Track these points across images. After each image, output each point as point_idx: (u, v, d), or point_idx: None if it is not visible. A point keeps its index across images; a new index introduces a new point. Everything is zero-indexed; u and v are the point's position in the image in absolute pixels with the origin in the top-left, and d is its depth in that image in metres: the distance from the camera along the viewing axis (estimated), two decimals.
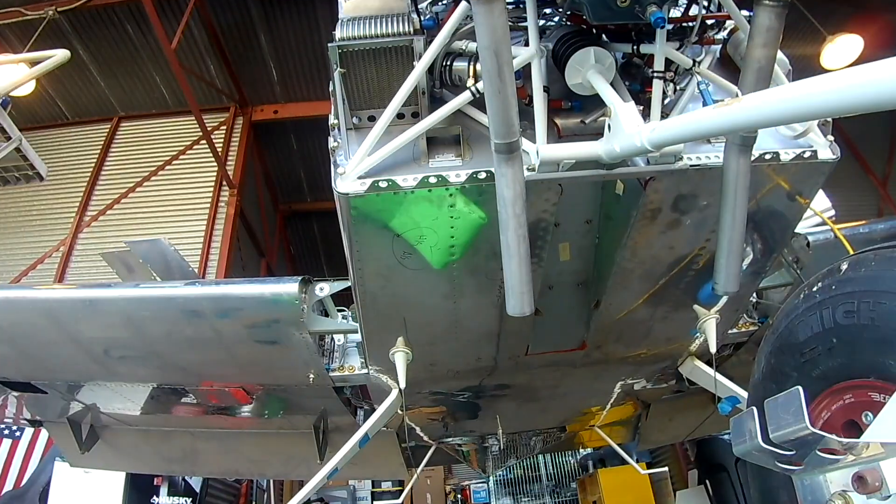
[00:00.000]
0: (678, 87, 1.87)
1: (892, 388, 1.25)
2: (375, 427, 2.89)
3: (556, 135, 1.83)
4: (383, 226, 1.86)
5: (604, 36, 1.83)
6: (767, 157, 1.80)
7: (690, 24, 1.84)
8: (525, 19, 1.81)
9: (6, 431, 5.95)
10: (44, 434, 4.21)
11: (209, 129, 7.60)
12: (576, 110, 1.84)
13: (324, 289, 2.58)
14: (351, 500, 11.50)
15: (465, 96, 1.74)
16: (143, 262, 3.40)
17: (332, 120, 1.88)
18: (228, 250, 7.46)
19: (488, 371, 2.81)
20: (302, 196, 10.09)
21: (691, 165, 1.75)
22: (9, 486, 5.81)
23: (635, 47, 1.79)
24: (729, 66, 1.94)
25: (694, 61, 1.83)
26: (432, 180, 1.78)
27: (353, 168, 1.77)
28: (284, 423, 3.47)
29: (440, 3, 2.00)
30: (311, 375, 2.80)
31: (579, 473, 9.01)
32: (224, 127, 8.33)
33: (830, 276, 1.50)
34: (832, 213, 2.74)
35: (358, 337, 2.81)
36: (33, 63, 3.76)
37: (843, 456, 0.99)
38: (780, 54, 1.61)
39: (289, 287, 2.46)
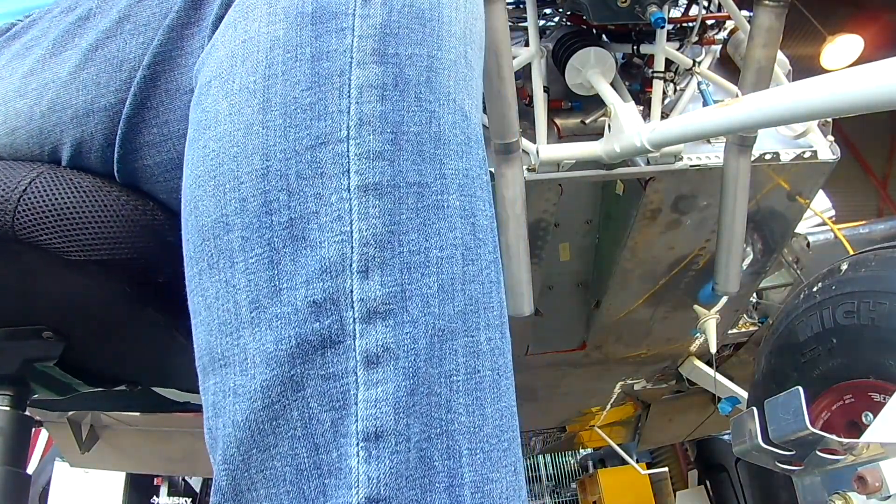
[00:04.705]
0: (678, 87, 1.87)
1: (892, 388, 1.25)
2: None
3: (556, 135, 1.82)
4: None
5: (604, 36, 1.83)
6: (767, 157, 1.80)
7: (690, 24, 1.84)
8: (525, 19, 1.81)
9: None
10: (43, 433, 4.20)
11: None
12: (576, 110, 1.84)
13: None
14: None
15: None
16: None
17: None
18: None
19: None
20: None
21: (691, 165, 1.75)
22: None
23: (635, 47, 1.79)
24: (729, 66, 1.93)
25: (694, 61, 1.83)
26: None
27: None
28: None
29: None
30: None
31: (579, 473, 9.00)
32: None
33: (830, 276, 1.50)
34: (832, 213, 2.74)
35: None
36: None
37: (843, 456, 0.98)
38: (780, 54, 1.61)
39: None
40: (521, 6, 1.90)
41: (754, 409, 1.06)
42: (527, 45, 1.76)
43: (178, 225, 0.58)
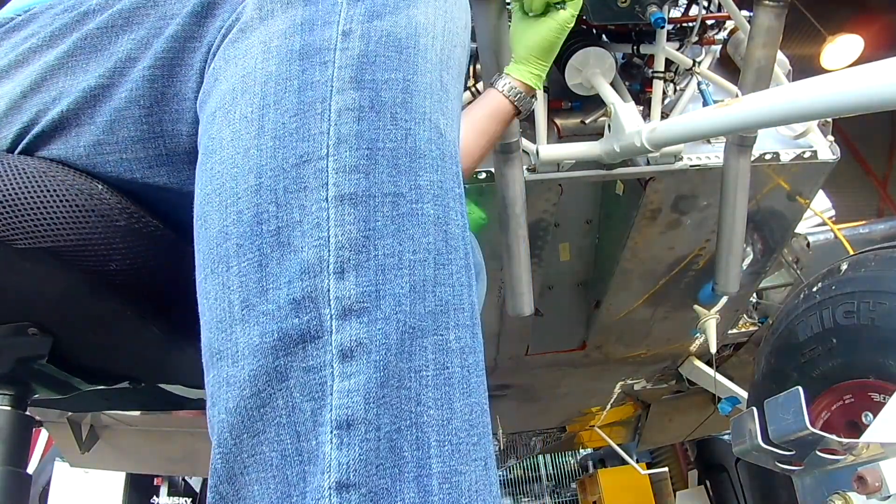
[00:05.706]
0: (678, 87, 1.87)
1: (892, 388, 1.25)
2: None
3: (556, 135, 1.83)
4: None
5: (604, 36, 1.83)
6: (767, 157, 1.80)
7: (690, 24, 1.84)
8: None
9: None
10: (43, 433, 4.20)
11: None
12: (576, 110, 1.84)
13: None
14: None
15: (466, 96, 1.74)
16: None
17: None
18: None
19: (488, 371, 2.80)
20: None
21: (691, 165, 1.75)
22: None
23: (635, 47, 1.79)
24: (729, 66, 1.93)
25: (694, 61, 1.83)
26: None
27: None
28: None
29: None
30: None
31: (579, 473, 9.00)
32: None
33: (830, 276, 1.50)
34: (832, 213, 2.74)
35: None
36: None
37: (843, 456, 0.98)
38: (780, 54, 1.61)
39: None
40: None
41: (754, 409, 1.06)
42: None
43: (128, 207, 0.60)
